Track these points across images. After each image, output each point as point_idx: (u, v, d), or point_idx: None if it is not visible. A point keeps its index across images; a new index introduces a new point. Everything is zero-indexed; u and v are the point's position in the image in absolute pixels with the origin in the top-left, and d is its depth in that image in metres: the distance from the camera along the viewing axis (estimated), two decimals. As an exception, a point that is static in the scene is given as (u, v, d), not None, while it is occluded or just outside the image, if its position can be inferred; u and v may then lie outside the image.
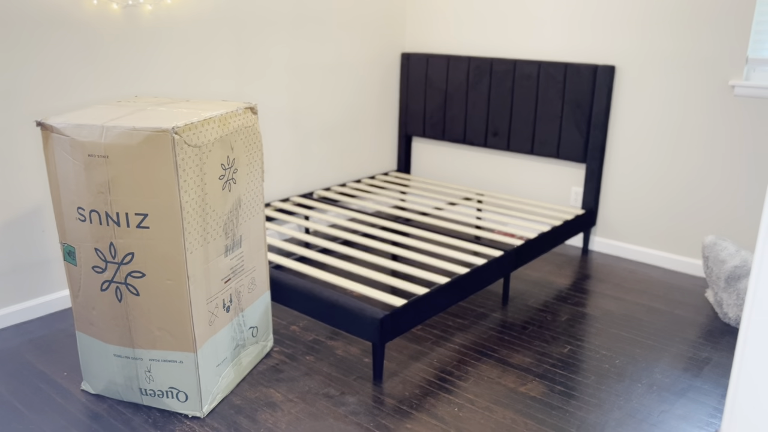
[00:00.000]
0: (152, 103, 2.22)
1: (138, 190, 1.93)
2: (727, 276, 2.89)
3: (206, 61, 3.18)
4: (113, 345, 2.13)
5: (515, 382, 2.40)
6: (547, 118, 3.77)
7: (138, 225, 1.96)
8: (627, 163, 3.62)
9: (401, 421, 2.16)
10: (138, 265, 2.01)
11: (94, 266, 2.05)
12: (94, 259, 2.04)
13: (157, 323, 2.06)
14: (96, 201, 1.96)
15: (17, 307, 2.74)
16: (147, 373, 2.14)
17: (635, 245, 3.67)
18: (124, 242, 1.99)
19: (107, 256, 2.02)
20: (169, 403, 2.17)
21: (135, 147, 1.89)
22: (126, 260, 2.01)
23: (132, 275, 2.02)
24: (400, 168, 4.54)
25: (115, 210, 1.96)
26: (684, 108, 3.38)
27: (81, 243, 2.04)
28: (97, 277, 2.06)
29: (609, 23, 3.55)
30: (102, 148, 1.91)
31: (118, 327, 2.10)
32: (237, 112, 2.15)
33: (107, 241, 2.00)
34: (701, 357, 2.63)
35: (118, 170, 1.92)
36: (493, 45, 4.00)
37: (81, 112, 2.08)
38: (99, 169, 1.93)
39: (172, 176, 1.91)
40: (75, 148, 1.93)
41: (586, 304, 3.09)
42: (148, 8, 2.89)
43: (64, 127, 1.93)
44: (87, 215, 1.99)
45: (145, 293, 2.03)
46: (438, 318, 2.90)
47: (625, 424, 2.17)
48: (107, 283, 2.06)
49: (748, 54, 3.17)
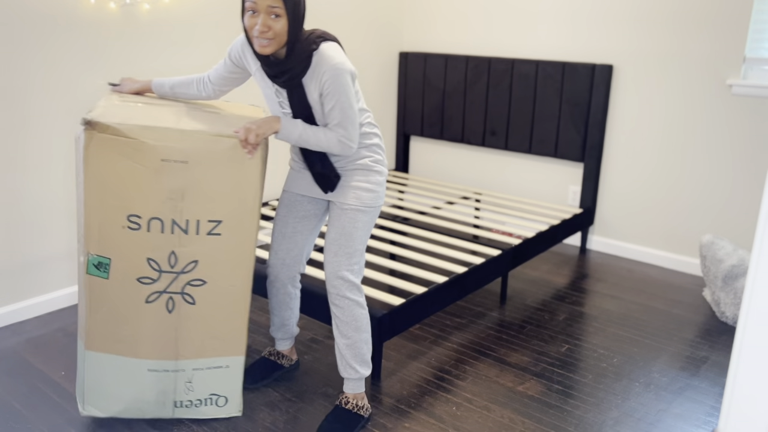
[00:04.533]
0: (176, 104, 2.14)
1: (215, 197, 1.87)
2: (725, 275, 2.89)
3: (205, 61, 3.18)
4: (151, 360, 1.99)
5: (513, 381, 2.40)
6: (544, 117, 3.77)
7: (209, 232, 1.90)
8: (625, 162, 3.62)
9: (399, 420, 2.16)
10: (200, 272, 1.94)
11: (140, 278, 1.90)
12: (143, 270, 1.90)
13: (211, 331, 2.00)
14: (162, 208, 1.85)
15: (14, 306, 2.73)
16: (187, 384, 2.04)
17: (633, 244, 3.68)
18: (189, 250, 1.90)
19: (164, 266, 1.90)
20: (205, 411, 2.09)
21: (220, 153, 1.84)
22: (188, 269, 1.92)
23: (191, 284, 1.94)
24: (398, 167, 4.54)
25: (185, 217, 1.87)
26: (682, 107, 3.39)
27: (124, 253, 1.88)
28: (143, 289, 1.92)
29: (607, 22, 3.55)
30: (181, 153, 1.81)
31: (160, 340, 1.98)
32: None
33: (167, 250, 1.89)
34: (699, 356, 2.63)
35: (198, 176, 1.84)
36: (491, 44, 4.00)
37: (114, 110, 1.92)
38: (174, 175, 1.82)
39: (257, 183, 1.90)
40: (143, 152, 1.80)
41: (584, 303, 3.09)
42: (146, 7, 2.89)
43: (129, 129, 1.78)
44: (144, 223, 1.85)
45: (203, 301, 1.97)
46: (436, 317, 2.90)
47: (622, 423, 2.18)
48: (156, 295, 1.93)
49: (745, 53, 3.17)
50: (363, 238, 2.06)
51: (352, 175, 2.05)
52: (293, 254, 2.19)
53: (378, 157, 2.09)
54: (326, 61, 1.85)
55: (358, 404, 2.13)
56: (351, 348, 2.08)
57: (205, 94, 2.17)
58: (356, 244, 2.04)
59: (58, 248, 2.82)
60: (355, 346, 2.08)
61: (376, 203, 2.07)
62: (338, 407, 2.13)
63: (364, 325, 2.08)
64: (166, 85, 2.18)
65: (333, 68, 1.85)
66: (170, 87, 2.18)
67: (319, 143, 1.94)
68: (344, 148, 1.95)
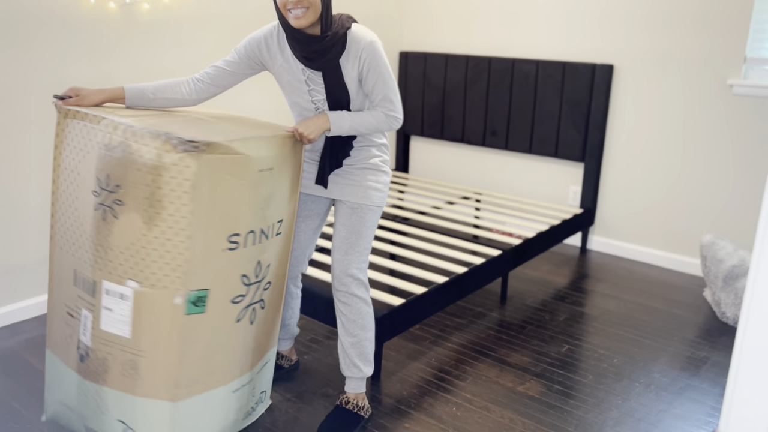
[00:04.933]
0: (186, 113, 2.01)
1: (284, 197, 1.89)
2: (725, 275, 2.89)
3: (204, 61, 3.18)
4: (234, 380, 1.86)
5: (513, 382, 2.40)
6: (545, 117, 3.77)
7: (277, 232, 1.89)
8: (625, 162, 3.62)
9: (399, 421, 2.15)
10: (271, 275, 1.91)
11: (234, 298, 1.77)
12: (237, 289, 1.77)
13: (268, 330, 1.99)
14: (256, 219, 1.77)
15: (14, 306, 2.73)
16: (252, 390, 1.98)
17: (633, 244, 3.68)
18: (267, 255, 1.86)
19: (252, 278, 1.81)
20: (258, 411, 2.07)
21: (292, 154, 1.87)
22: (265, 274, 1.87)
23: (265, 288, 1.89)
24: (399, 167, 4.53)
25: (268, 222, 1.83)
26: (682, 107, 3.38)
27: (221, 278, 1.72)
28: (234, 309, 1.78)
29: (607, 22, 3.54)
30: (270, 161, 1.78)
31: (244, 356, 1.87)
32: None
33: (255, 261, 1.80)
34: (699, 356, 2.63)
35: (278, 180, 1.83)
36: (491, 44, 4.00)
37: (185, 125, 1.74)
38: (265, 183, 1.78)
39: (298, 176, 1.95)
40: (245, 166, 1.69)
41: (585, 303, 3.09)
42: (146, 6, 2.88)
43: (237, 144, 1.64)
44: (242, 239, 1.74)
45: (269, 303, 1.94)
46: (436, 317, 2.90)
47: (623, 423, 2.17)
48: (244, 311, 1.82)
49: (746, 53, 3.17)
50: (370, 237, 2.07)
51: (362, 174, 2.05)
52: (296, 254, 2.19)
53: (386, 158, 2.10)
54: (362, 38, 1.87)
55: (359, 404, 2.13)
56: (356, 346, 2.08)
57: (195, 97, 1.99)
58: (365, 242, 2.05)
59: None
60: (360, 345, 2.08)
61: (383, 203, 2.09)
62: (338, 407, 2.13)
63: (369, 324, 2.09)
64: (147, 91, 1.92)
65: (370, 44, 1.87)
66: (152, 92, 1.93)
67: (369, 126, 1.95)
68: (392, 122, 1.96)
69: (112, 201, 1.67)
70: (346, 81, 1.91)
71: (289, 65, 1.94)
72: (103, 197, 1.68)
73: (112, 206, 1.67)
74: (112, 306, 1.71)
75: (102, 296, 1.72)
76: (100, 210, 1.70)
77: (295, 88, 1.97)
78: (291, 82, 1.96)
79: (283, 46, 1.94)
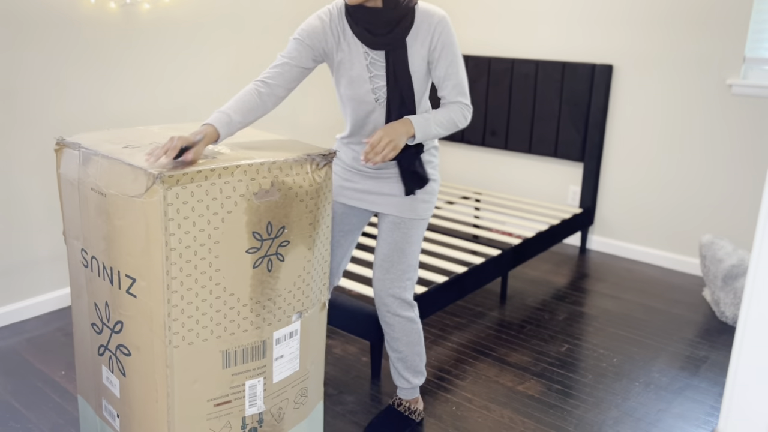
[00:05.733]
0: None
1: None
2: (724, 275, 2.89)
3: (205, 60, 3.18)
4: None
5: (513, 381, 2.40)
6: (544, 117, 3.77)
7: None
8: (625, 162, 3.62)
9: (399, 420, 2.16)
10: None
11: None
12: None
13: None
14: None
15: (14, 306, 2.73)
16: None
17: (633, 244, 3.68)
18: None
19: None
20: None
21: None
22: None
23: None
24: (398, 167, 4.53)
25: None
26: (682, 107, 3.39)
27: None
28: None
29: (607, 22, 3.55)
30: None
31: None
32: None
33: None
34: (699, 356, 2.63)
35: None
36: (490, 44, 4.00)
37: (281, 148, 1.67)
38: None
39: None
40: None
41: (584, 303, 3.09)
42: (146, 7, 2.89)
43: None
44: None
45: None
46: (436, 317, 2.90)
47: (622, 422, 2.18)
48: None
49: (745, 53, 3.17)
50: (416, 253, 1.93)
51: None
52: (331, 267, 2.05)
53: (437, 162, 1.93)
54: (434, 13, 1.70)
55: (411, 408, 2.11)
56: (402, 361, 2.03)
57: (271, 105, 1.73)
58: (409, 259, 1.91)
59: (57, 248, 2.82)
60: (407, 360, 2.03)
61: (430, 214, 1.94)
62: (390, 408, 2.11)
63: (416, 339, 2.00)
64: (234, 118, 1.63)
65: (444, 19, 1.70)
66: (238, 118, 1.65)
67: (449, 126, 1.75)
68: (466, 116, 1.77)
69: (277, 247, 1.57)
70: (411, 64, 1.72)
71: (349, 48, 1.74)
72: (265, 248, 1.55)
73: (277, 252, 1.57)
74: (284, 352, 1.66)
75: (273, 350, 1.63)
76: (261, 264, 1.55)
77: (355, 76, 1.76)
78: (350, 70, 1.75)
79: (343, 26, 1.74)
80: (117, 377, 1.61)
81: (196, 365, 1.50)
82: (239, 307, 1.53)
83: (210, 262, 1.46)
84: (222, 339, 1.53)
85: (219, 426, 1.58)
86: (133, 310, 1.51)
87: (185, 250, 1.42)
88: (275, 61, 1.75)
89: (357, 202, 1.94)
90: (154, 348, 1.48)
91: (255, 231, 1.50)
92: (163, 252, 1.40)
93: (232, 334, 1.54)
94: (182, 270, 1.43)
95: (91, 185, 1.54)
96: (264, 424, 1.66)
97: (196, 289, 1.46)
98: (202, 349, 1.50)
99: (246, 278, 1.52)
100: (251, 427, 1.64)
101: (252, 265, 1.52)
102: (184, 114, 3.15)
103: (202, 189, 1.41)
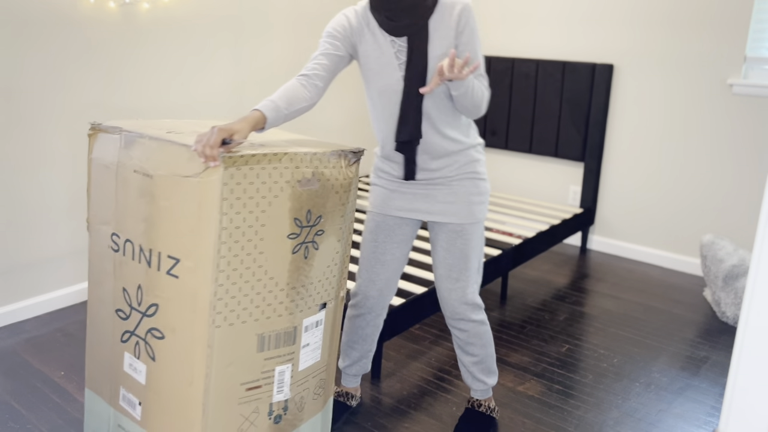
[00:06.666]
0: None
1: None
2: (725, 275, 2.88)
3: (205, 60, 3.18)
4: None
5: (513, 381, 2.40)
6: (545, 116, 3.77)
7: None
8: (625, 161, 3.62)
9: (399, 421, 2.15)
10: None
11: None
12: None
13: None
14: None
15: (13, 306, 2.73)
16: None
17: (633, 244, 3.67)
18: None
19: None
20: None
21: None
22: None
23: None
24: (398, 167, 4.53)
25: None
26: (682, 107, 3.38)
27: None
28: None
29: (607, 22, 3.54)
30: None
31: None
32: None
33: None
34: (699, 356, 2.62)
35: None
36: (491, 43, 3.99)
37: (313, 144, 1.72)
38: None
39: None
40: None
41: (585, 303, 3.09)
42: (146, 6, 2.88)
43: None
44: None
45: None
46: (436, 317, 2.89)
47: (623, 423, 2.17)
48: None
49: (746, 53, 3.17)
50: (480, 255, 1.91)
51: (462, 186, 1.86)
52: (390, 283, 1.98)
53: (484, 159, 1.90)
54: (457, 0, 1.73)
55: (490, 406, 2.11)
56: (478, 364, 2.02)
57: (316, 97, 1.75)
58: (474, 263, 1.89)
59: (57, 248, 2.81)
60: (483, 362, 2.02)
61: (485, 214, 1.91)
62: (470, 410, 2.11)
63: (488, 340, 1.98)
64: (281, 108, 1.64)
65: (467, 5, 1.73)
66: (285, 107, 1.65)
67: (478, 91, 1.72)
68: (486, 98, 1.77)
69: (314, 235, 1.63)
70: (433, 48, 1.72)
71: (375, 38, 1.76)
72: (304, 235, 1.61)
73: (313, 240, 1.63)
74: (310, 340, 1.70)
75: (302, 337, 1.67)
76: (300, 250, 1.61)
77: (384, 65, 1.76)
78: (379, 59, 1.76)
79: (368, 19, 1.77)
80: (144, 362, 1.62)
81: (233, 347, 1.53)
82: (276, 291, 1.57)
83: (255, 244, 1.50)
84: (259, 322, 1.56)
85: (248, 411, 1.61)
86: (172, 291, 1.53)
87: (235, 230, 1.46)
88: (311, 58, 1.78)
89: (409, 213, 1.91)
90: (195, 329, 1.50)
91: (296, 217, 1.57)
92: (216, 231, 1.44)
93: (268, 317, 1.58)
94: (230, 250, 1.47)
95: (134, 167, 1.57)
96: (288, 412, 1.69)
97: (240, 270, 1.49)
98: (240, 331, 1.54)
99: (285, 263, 1.57)
100: (277, 414, 1.67)
101: (291, 251, 1.58)
102: (184, 114, 3.15)
103: (254, 172, 1.47)
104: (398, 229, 1.94)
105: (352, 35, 1.78)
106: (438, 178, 1.86)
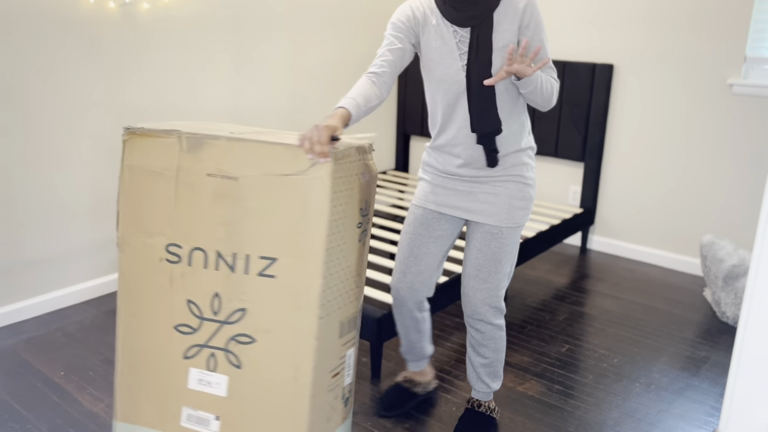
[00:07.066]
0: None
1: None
2: (725, 275, 2.88)
3: (205, 60, 3.18)
4: None
5: (513, 382, 2.40)
6: (545, 116, 3.77)
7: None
8: (625, 161, 3.62)
9: (399, 421, 2.15)
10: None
11: None
12: None
13: None
14: None
15: (13, 306, 2.73)
16: None
17: (633, 244, 3.67)
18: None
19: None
20: None
21: None
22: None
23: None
24: (399, 167, 4.53)
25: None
26: (682, 107, 3.38)
27: None
28: None
29: (607, 22, 3.54)
30: None
31: None
32: None
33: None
34: (699, 356, 2.62)
35: None
36: (491, 44, 3.99)
37: None
38: None
39: None
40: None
41: (585, 303, 3.09)
42: (146, 6, 2.88)
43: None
44: None
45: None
46: (436, 317, 2.89)
47: (623, 423, 2.17)
48: None
49: (746, 53, 3.17)
50: (513, 260, 1.90)
51: (505, 188, 1.84)
52: (423, 278, 1.96)
53: (533, 164, 1.88)
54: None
55: (491, 407, 2.11)
56: (487, 367, 2.02)
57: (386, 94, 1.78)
58: (506, 268, 1.88)
59: (57, 248, 2.81)
60: (491, 365, 2.02)
61: (526, 221, 1.89)
62: (470, 410, 2.10)
63: (501, 345, 1.99)
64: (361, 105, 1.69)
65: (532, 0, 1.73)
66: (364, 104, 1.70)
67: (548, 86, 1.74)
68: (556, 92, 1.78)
69: (367, 223, 1.71)
70: (498, 40, 1.72)
71: (438, 28, 1.77)
72: (364, 224, 1.68)
73: (367, 229, 1.71)
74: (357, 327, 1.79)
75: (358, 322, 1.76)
76: (363, 239, 1.68)
77: (445, 54, 1.77)
78: (440, 49, 1.77)
79: (432, 8, 1.79)
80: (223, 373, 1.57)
81: (326, 337, 1.56)
82: (351, 279, 1.63)
83: (342, 235, 1.56)
84: (341, 310, 1.61)
85: (332, 398, 1.64)
86: (265, 292, 1.52)
87: (334, 222, 1.52)
88: (378, 54, 1.81)
89: (448, 210, 1.91)
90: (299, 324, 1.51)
91: (361, 207, 1.63)
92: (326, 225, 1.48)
93: (345, 305, 1.63)
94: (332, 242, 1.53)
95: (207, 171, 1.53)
96: (351, 394, 1.74)
97: (336, 261, 1.56)
98: (331, 320, 1.58)
99: (355, 251, 1.63)
100: (347, 397, 1.71)
101: (358, 239, 1.64)
102: (184, 113, 3.15)
103: (343, 166, 1.54)
104: (437, 224, 1.93)
105: (416, 25, 1.81)
106: (483, 176, 1.85)
